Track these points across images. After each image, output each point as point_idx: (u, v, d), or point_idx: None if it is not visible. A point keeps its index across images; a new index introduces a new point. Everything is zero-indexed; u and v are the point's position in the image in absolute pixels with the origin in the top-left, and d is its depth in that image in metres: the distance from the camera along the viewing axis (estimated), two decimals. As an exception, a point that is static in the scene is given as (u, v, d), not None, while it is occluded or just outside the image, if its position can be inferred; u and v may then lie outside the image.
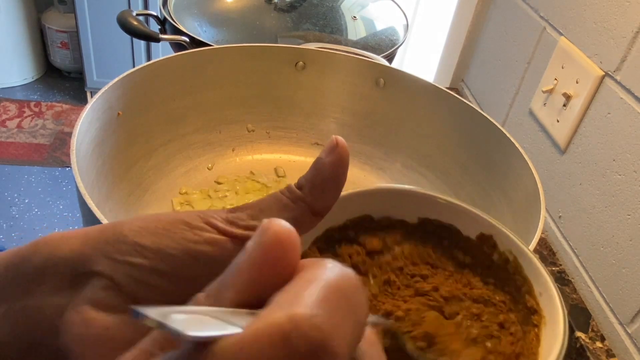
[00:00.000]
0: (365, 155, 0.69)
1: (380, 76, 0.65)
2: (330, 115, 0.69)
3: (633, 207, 0.56)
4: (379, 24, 0.90)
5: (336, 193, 0.22)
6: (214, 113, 0.65)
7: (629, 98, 0.58)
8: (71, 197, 2.04)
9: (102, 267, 0.20)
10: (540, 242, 0.70)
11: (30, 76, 2.61)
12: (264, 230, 0.17)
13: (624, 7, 0.59)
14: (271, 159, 0.70)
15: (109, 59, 2.29)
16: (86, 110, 0.47)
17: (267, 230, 0.17)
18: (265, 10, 0.85)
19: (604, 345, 0.57)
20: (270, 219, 0.17)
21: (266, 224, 0.17)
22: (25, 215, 1.94)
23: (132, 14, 0.75)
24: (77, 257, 0.20)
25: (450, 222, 0.27)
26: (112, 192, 0.53)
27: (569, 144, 0.67)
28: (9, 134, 2.27)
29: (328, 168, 0.22)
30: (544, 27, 0.76)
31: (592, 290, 0.62)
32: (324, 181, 0.22)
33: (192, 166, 0.65)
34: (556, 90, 0.70)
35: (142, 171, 0.59)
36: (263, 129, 0.69)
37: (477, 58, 1.00)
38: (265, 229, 0.17)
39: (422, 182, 0.66)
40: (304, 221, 0.22)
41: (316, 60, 0.66)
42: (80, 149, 0.45)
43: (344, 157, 0.22)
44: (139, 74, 0.55)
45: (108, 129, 0.52)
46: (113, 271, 0.20)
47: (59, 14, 2.49)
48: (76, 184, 0.39)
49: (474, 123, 0.58)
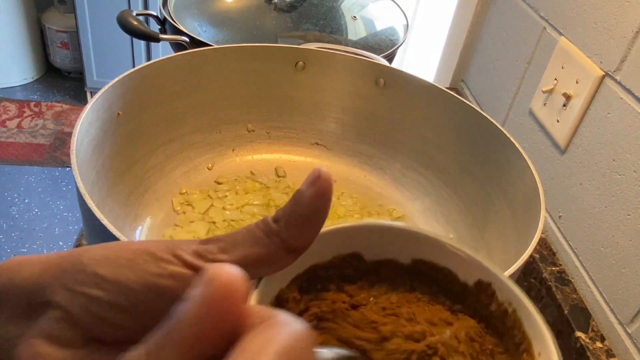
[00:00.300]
0: (365, 155, 0.69)
1: (380, 76, 0.65)
2: (330, 115, 0.69)
3: (633, 207, 0.56)
4: (379, 24, 0.90)
5: (314, 230, 0.21)
6: (214, 113, 0.65)
7: (629, 98, 0.58)
8: (71, 197, 2.04)
9: (59, 297, 0.19)
10: (540, 242, 0.70)
11: (30, 76, 2.61)
12: (208, 280, 0.16)
13: (624, 7, 0.59)
14: (271, 159, 0.70)
15: (109, 59, 2.29)
16: (86, 110, 0.47)
17: (212, 282, 0.16)
18: (265, 10, 0.85)
19: (604, 345, 0.57)
20: (216, 265, 0.16)
21: (211, 272, 0.16)
22: (25, 215, 1.94)
23: (132, 14, 0.75)
24: (35, 285, 0.19)
25: (446, 266, 0.25)
26: (112, 192, 0.53)
27: (569, 144, 0.67)
28: (9, 134, 2.27)
29: (307, 202, 0.20)
30: (544, 27, 0.76)
31: (592, 290, 0.62)
32: (301, 216, 0.20)
33: (192, 166, 0.65)
34: (556, 90, 0.70)
35: (142, 171, 0.59)
36: (263, 129, 0.69)
37: (477, 58, 1.00)
38: (210, 280, 0.16)
39: (422, 182, 0.66)
40: (277, 258, 0.20)
41: (316, 60, 0.66)
42: (80, 149, 0.45)
43: (325, 190, 0.20)
44: (139, 74, 0.55)
45: (108, 129, 0.52)
46: (69, 303, 0.18)
47: (59, 14, 2.49)
48: (76, 184, 0.39)
49: (474, 123, 0.58)
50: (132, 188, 0.57)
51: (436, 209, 0.64)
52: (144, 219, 0.58)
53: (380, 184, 0.68)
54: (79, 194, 0.39)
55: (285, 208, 0.20)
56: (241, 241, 0.20)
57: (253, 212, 0.62)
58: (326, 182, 0.20)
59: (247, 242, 0.20)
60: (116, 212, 0.54)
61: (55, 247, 1.84)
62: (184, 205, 0.61)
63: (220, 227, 0.59)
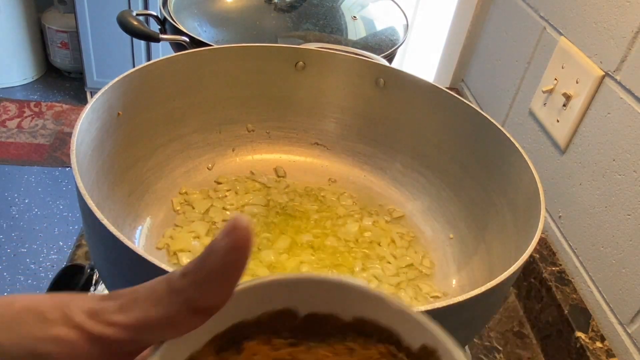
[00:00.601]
0: (365, 155, 0.69)
1: (380, 76, 0.65)
2: (330, 115, 0.69)
3: (633, 207, 0.56)
4: (379, 24, 0.90)
5: (227, 287, 0.18)
6: (214, 113, 0.65)
7: (629, 98, 0.58)
8: (71, 197, 2.04)
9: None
10: (540, 242, 0.70)
11: (30, 76, 2.62)
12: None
13: (624, 7, 0.59)
14: (271, 159, 0.70)
15: (109, 59, 2.29)
16: (86, 110, 0.47)
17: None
18: (265, 10, 0.85)
19: (604, 345, 0.57)
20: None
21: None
22: (25, 215, 1.94)
23: (132, 14, 0.75)
24: None
25: (390, 326, 0.22)
26: (112, 192, 0.53)
27: (569, 144, 0.67)
28: (9, 134, 2.27)
29: (219, 255, 0.17)
30: (544, 27, 0.76)
31: (592, 290, 0.62)
32: (210, 272, 0.17)
33: (192, 166, 0.65)
34: (556, 90, 0.70)
35: (142, 171, 0.59)
36: (263, 129, 0.69)
37: (477, 58, 1.00)
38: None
39: (422, 182, 0.66)
40: (179, 321, 0.18)
41: (316, 60, 0.66)
42: (80, 149, 0.44)
43: (242, 242, 0.17)
44: (139, 74, 0.55)
45: (108, 129, 0.52)
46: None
47: (59, 14, 2.49)
48: (76, 184, 0.39)
49: (474, 123, 0.58)
50: (132, 188, 0.57)
51: (436, 209, 0.64)
52: (144, 219, 0.58)
53: (380, 184, 0.68)
54: (79, 194, 0.39)
55: (194, 261, 0.18)
56: (142, 299, 0.18)
57: (253, 212, 0.62)
58: (243, 232, 0.17)
59: (148, 300, 0.18)
60: (116, 212, 0.54)
61: (55, 247, 1.84)
62: (184, 205, 0.61)
63: (220, 227, 0.59)
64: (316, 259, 0.57)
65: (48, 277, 1.73)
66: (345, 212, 0.64)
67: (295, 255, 0.57)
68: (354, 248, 0.59)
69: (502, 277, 0.37)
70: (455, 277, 0.58)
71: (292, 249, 0.58)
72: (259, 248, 0.57)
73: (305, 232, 0.60)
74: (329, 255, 0.58)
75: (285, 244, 0.58)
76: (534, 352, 0.62)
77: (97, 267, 0.47)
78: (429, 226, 0.64)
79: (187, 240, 0.57)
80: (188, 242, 0.57)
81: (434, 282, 0.58)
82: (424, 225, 0.64)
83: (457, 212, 0.62)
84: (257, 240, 0.59)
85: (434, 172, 0.65)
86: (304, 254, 0.57)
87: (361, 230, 0.62)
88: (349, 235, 0.61)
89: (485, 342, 0.62)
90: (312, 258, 0.57)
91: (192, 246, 0.56)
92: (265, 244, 0.58)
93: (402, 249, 0.61)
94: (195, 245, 0.57)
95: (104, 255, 0.41)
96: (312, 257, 0.57)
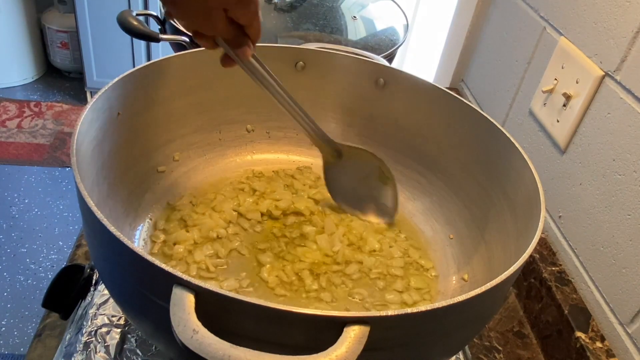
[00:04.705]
0: (365, 155, 0.69)
1: (380, 76, 0.65)
2: (330, 115, 0.69)
3: (633, 207, 0.56)
4: (379, 24, 0.90)
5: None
6: (214, 113, 0.65)
7: (629, 98, 0.58)
8: (71, 197, 2.04)
9: None
10: (540, 242, 0.70)
11: (30, 76, 2.62)
12: None
13: (624, 7, 0.59)
14: (271, 159, 0.70)
15: (109, 59, 2.29)
16: (86, 110, 0.47)
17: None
18: (265, 10, 0.85)
19: (604, 345, 0.57)
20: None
21: None
22: (25, 215, 1.94)
23: (132, 14, 0.75)
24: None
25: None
26: (112, 192, 0.53)
27: (569, 144, 0.67)
28: (9, 134, 2.27)
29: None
30: (544, 27, 0.76)
31: (592, 290, 0.62)
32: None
33: (192, 166, 0.65)
34: (556, 90, 0.70)
35: (142, 171, 0.59)
36: (263, 129, 0.69)
37: (477, 58, 1.00)
38: None
39: (422, 182, 0.66)
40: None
41: (316, 60, 0.66)
42: (80, 149, 0.44)
43: None
44: (139, 74, 0.55)
45: (108, 129, 0.52)
46: None
47: (59, 14, 2.49)
48: (76, 184, 0.39)
49: (474, 123, 0.58)
50: (132, 188, 0.57)
51: (436, 209, 0.64)
52: (144, 219, 0.58)
53: (380, 184, 0.68)
54: (79, 194, 0.39)
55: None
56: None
57: (253, 212, 0.62)
58: None
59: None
60: (116, 212, 0.54)
61: (55, 247, 1.84)
62: (184, 205, 0.61)
63: (220, 227, 0.59)
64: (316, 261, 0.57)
65: (48, 277, 1.73)
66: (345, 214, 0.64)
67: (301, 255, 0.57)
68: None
69: (502, 277, 0.37)
70: (455, 277, 0.58)
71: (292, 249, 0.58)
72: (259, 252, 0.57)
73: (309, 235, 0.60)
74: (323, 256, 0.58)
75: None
76: (534, 352, 0.62)
77: (97, 267, 0.47)
78: (429, 226, 0.64)
79: (187, 240, 0.57)
80: (188, 242, 0.57)
81: (433, 282, 0.58)
82: (424, 225, 0.64)
83: (457, 212, 0.62)
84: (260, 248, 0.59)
85: (434, 172, 0.65)
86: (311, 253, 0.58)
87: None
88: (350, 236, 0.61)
89: (485, 342, 0.62)
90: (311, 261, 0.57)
91: (192, 246, 0.56)
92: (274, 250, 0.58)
93: (403, 249, 0.61)
94: (195, 245, 0.57)
95: (104, 255, 0.41)
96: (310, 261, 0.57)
